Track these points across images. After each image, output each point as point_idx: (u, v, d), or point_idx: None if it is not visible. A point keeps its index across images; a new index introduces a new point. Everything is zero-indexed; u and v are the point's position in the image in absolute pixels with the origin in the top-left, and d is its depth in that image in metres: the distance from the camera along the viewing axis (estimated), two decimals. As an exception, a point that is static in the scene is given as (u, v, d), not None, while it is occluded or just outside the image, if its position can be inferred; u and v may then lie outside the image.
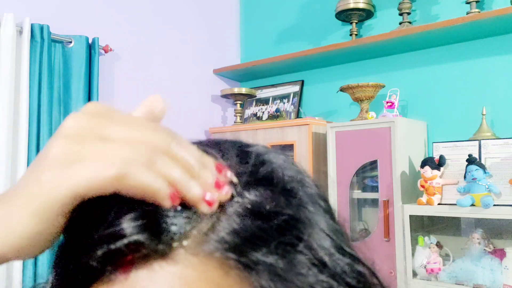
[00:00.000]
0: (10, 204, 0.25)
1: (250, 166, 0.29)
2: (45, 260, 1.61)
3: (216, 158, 0.29)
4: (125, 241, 0.24)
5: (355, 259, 0.29)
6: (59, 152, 0.25)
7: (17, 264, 1.54)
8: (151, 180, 0.24)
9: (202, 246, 0.25)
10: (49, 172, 0.24)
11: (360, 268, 0.29)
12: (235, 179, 0.27)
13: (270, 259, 0.25)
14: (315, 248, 0.27)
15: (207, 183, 0.26)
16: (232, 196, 0.27)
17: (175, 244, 0.25)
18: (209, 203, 0.26)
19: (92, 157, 0.24)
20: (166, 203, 0.25)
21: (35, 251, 0.26)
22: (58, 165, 0.24)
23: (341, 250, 0.28)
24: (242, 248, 0.25)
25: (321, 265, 0.26)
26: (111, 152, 0.24)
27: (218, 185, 0.26)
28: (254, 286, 0.24)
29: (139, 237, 0.24)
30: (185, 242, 0.25)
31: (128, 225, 0.24)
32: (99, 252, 0.24)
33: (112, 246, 0.24)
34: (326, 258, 0.27)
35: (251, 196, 0.27)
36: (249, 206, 0.26)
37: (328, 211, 0.30)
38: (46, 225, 0.25)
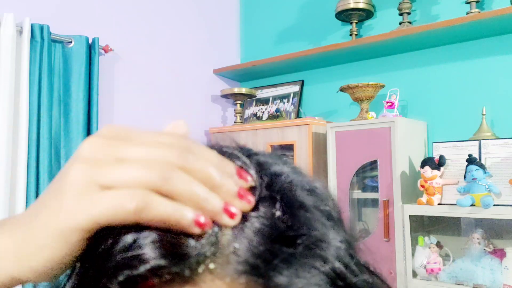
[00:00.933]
0: (32, 227, 0.26)
1: (264, 179, 0.28)
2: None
3: (239, 159, 0.28)
4: (147, 266, 0.23)
5: (369, 270, 0.29)
6: (78, 178, 0.25)
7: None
8: (171, 210, 0.24)
9: (226, 268, 0.24)
10: (71, 199, 0.25)
11: (374, 279, 0.29)
12: (256, 182, 0.27)
13: (295, 281, 0.24)
14: (338, 267, 0.26)
15: (230, 193, 0.26)
16: (251, 211, 0.26)
17: (199, 268, 0.24)
18: (231, 215, 0.25)
19: (110, 182, 0.25)
20: (194, 230, 0.25)
21: (53, 275, 0.26)
22: (78, 191, 0.25)
23: (358, 265, 0.28)
24: (264, 270, 0.24)
25: (341, 281, 0.26)
26: (128, 175, 0.25)
27: (240, 195, 0.26)
28: None
29: (161, 261, 0.23)
30: (209, 265, 0.24)
31: (150, 248, 0.24)
32: (121, 278, 0.23)
33: (134, 271, 0.23)
34: (346, 273, 0.26)
35: (269, 212, 0.26)
36: (268, 224, 0.26)
37: (342, 224, 0.30)
38: (68, 250, 0.25)
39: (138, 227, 0.25)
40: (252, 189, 0.27)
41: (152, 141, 0.26)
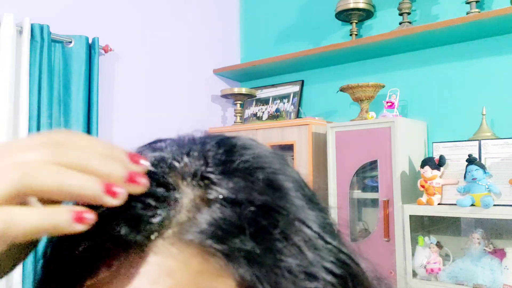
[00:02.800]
0: None
1: (226, 155, 0.29)
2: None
3: (204, 144, 0.29)
4: (105, 235, 0.24)
5: (337, 248, 0.29)
6: None
7: (17, 272, 1.54)
8: (38, 219, 0.22)
9: (181, 235, 0.25)
10: None
11: (343, 257, 0.29)
12: (148, 166, 0.27)
13: (248, 246, 0.25)
14: (292, 237, 0.26)
15: (113, 177, 0.24)
16: (209, 184, 0.27)
17: (153, 235, 0.25)
18: (114, 194, 0.24)
19: None
20: (76, 227, 0.23)
21: None
22: None
23: (322, 239, 0.28)
24: (220, 235, 0.25)
25: (299, 253, 0.26)
26: (6, 160, 0.23)
27: (129, 178, 0.25)
28: (233, 273, 0.25)
29: (118, 230, 0.24)
30: (164, 233, 0.25)
31: (106, 219, 0.25)
32: (81, 248, 0.25)
33: (93, 241, 0.24)
34: (305, 248, 0.27)
35: (228, 184, 0.27)
36: (226, 195, 0.26)
37: (311, 200, 0.30)
38: None
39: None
40: (215, 164, 0.28)
41: (16, 146, 0.24)
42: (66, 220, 0.23)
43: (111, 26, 2.03)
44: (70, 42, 1.81)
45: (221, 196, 0.26)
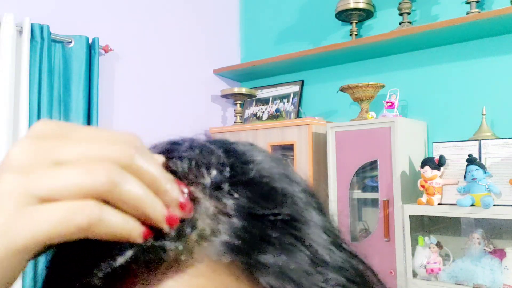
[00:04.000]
0: None
1: (240, 165, 0.28)
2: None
3: (212, 153, 0.28)
4: (126, 257, 0.23)
5: (351, 254, 0.29)
6: (10, 191, 0.21)
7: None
8: (122, 223, 0.22)
9: (206, 251, 0.24)
10: (4, 217, 0.20)
11: (356, 262, 0.29)
12: (195, 194, 0.26)
13: (277, 259, 0.24)
14: (314, 246, 0.26)
15: (173, 200, 0.24)
16: (228, 197, 0.26)
17: (179, 254, 0.24)
18: (172, 224, 0.24)
19: (49, 193, 0.21)
20: (139, 241, 0.23)
21: None
22: (13, 207, 0.21)
23: (337, 246, 0.28)
24: (247, 250, 0.24)
25: (322, 262, 0.26)
26: (70, 182, 0.21)
27: (182, 204, 0.24)
28: (263, 286, 0.24)
29: (140, 252, 0.23)
30: (190, 251, 0.24)
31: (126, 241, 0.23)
32: (101, 273, 0.23)
33: (114, 264, 0.23)
34: (326, 255, 0.27)
35: (246, 196, 0.26)
36: (246, 207, 0.26)
37: (319, 207, 0.30)
38: (3, 278, 0.21)
39: None
40: (227, 177, 0.27)
41: (92, 136, 0.23)
42: (140, 233, 0.23)
43: (111, 26, 2.03)
44: (70, 42, 1.81)
45: (241, 209, 0.26)
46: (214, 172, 0.27)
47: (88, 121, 1.83)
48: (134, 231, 0.23)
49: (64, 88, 1.79)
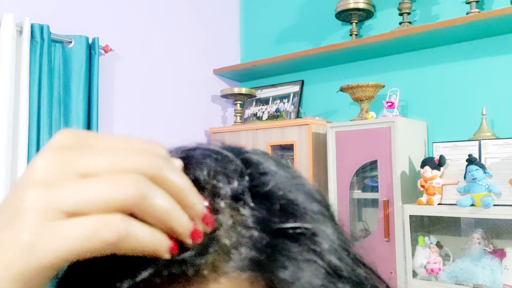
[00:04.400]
0: None
1: (258, 177, 0.28)
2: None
3: (231, 162, 0.28)
4: (150, 272, 0.23)
5: (363, 263, 0.29)
6: (34, 206, 0.20)
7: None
8: (149, 238, 0.22)
9: (228, 265, 0.24)
10: (29, 231, 0.20)
11: (368, 271, 0.29)
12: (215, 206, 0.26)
13: (299, 275, 0.24)
14: (333, 261, 0.26)
15: (198, 214, 0.24)
16: (246, 209, 0.26)
17: (201, 268, 0.23)
18: (196, 238, 0.24)
19: (75, 207, 0.20)
20: (166, 256, 0.23)
21: None
22: (37, 222, 0.20)
23: (352, 256, 0.28)
24: (268, 265, 0.24)
25: (342, 277, 0.26)
26: (96, 195, 0.20)
27: (205, 219, 0.24)
28: None
29: (162, 266, 0.23)
30: (210, 265, 0.24)
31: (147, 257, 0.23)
32: (124, 286, 0.23)
33: (137, 278, 0.22)
34: (344, 270, 0.27)
35: (262, 209, 0.26)
36: (264, 220, 0.25)
37: (333, 218, 0.30)
38: None
39: None
40: (244, 189, 0.26)
41: (117, 145, 0.23)
42: (167, 247, 0.22)
43: (111, 26, 2.03)
44: (70, 42, 1.81)
45: (261, 221, 0.25)
46: (234, 183, 0.26)
47: (88, 121, 1.83)
48: (162, 245, 0.22)
49: (64, 88, 1.79)
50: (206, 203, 0.25)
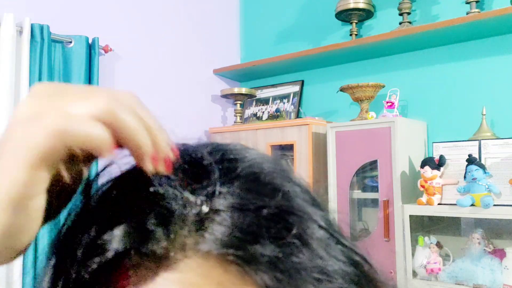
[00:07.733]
0: None
1: (227, 163, 0.28)
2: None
3: (203, 159, 0.29)
4: (113, 252, 0.23)
5: (351, 249, 0.29)
6: (22, 136, 0.23)
7: (17, 269, 1.54)
8: (88, 132, 0.24)
9: (197, 246, 0.24)
10: (19, 126, 0.24)
11: (356, 257, 0.28)
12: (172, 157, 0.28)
13: (266, 251, 0.24)
14: (306, 238, 0.26)
15: (161, 147, 0.26)
16: (216, 194, 0.26)
17: (169, 249, 0.24)
18: (155, 163, 0.26)
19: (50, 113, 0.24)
20: (107, 153, 0.25)
21: (10, 248, 0.25)
22: (21, 129, 0.24)
23: (335, 240, 0.28)
24: (237, 243, 0.24)
25: (317, 255, 0.26)
26: (81, 110, 0.24)
27: (166, 160, 0.27)
28: (255, 279, 0.24)
29: (130, 246, 0.24)
30: (180, 247, 0.24)
31: (117, 236, 0.24)
32: (93, 265, 0.24)
33: (103, 259, 0.23)
34: (320, 248, 0.26)
35: (235, 192, 0.26)
36: (236, 201, 0.26)
37: (314, 201, 0.30)
38: (31, 179, 0.23)
39: (104, 218, 0.25)
40: (219, 172, 0.27)
41: (94, 91, 0.26)
42: (107, 143, 0.24)
43: (111, 26, 2.03)
44: (70, 42, 1.81)
45: (230, 204, 0.26)
46: (201, 172, 0.27)
47: (88, 121, 1.83)
48: (102, 139, 0.24)
49: (64, 88, 1.79)
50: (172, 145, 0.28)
